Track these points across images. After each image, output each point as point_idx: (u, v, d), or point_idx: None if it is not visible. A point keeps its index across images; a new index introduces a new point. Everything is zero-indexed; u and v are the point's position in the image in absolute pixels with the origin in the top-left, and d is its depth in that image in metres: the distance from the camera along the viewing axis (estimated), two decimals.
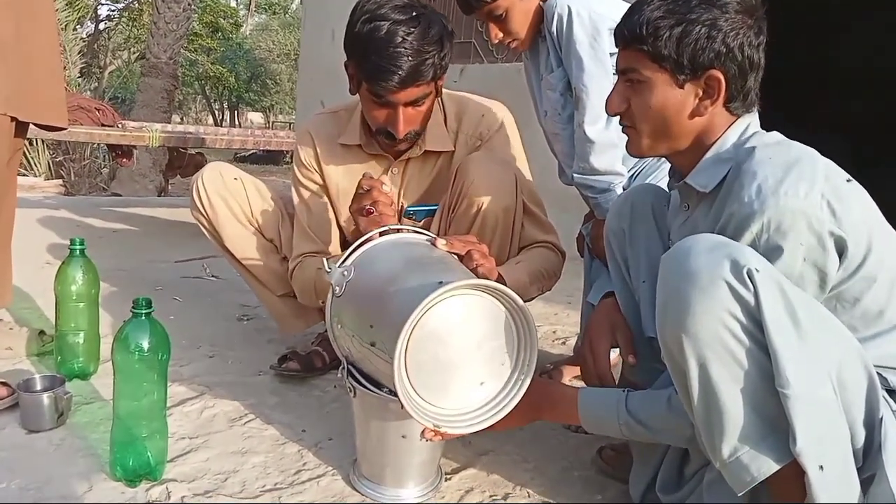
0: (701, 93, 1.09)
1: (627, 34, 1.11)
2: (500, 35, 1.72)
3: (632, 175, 1.73)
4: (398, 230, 1.31)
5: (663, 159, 1.40)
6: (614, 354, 1.94)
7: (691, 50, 1.06)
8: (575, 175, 1.72)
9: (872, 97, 4.51)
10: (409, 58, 1.41)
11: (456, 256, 1.25)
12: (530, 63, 1.85)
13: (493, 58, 4.29)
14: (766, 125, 1.16)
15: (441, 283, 1.05)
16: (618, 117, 1.19)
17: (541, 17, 1.69)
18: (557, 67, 1.69)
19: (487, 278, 1.21)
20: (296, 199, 1.74)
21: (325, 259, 1.25)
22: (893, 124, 4.37)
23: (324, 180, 1.71)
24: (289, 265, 1.72)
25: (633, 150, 1.19)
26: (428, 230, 1.35)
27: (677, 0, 1.07)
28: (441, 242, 1.24)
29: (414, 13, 1.44)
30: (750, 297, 0.91)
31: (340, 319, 1.24)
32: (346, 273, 1.21)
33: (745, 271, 0.91)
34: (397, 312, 1.06)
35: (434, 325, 1.07)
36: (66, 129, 1.79)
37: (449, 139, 1.66)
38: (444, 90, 1.64)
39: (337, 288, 1.21)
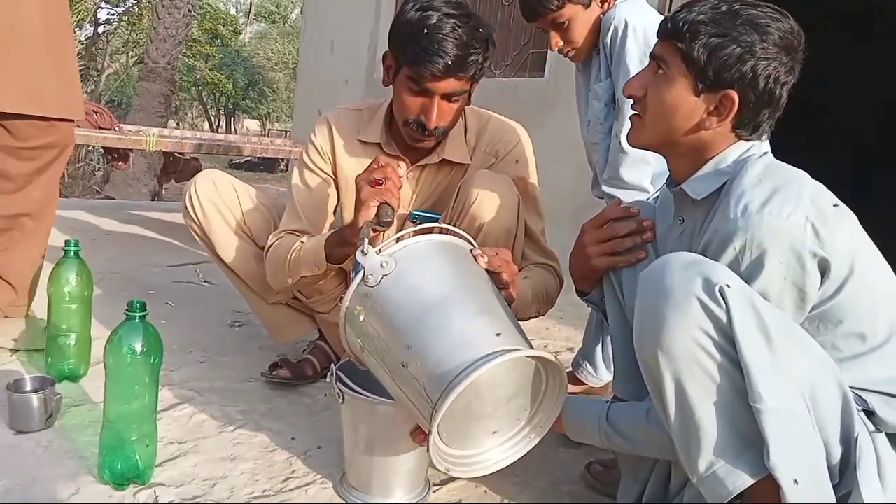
0: (712, 108, 1.10)
1: (669, 27, 1.12)
2: (561, 43, 1.75)
3: (657, 197, 1.75)
4: (441, 230, 1.26)
5: None
6: (609, 375, 1.96)
7: (720, 63, 1.06)
8: (603, 184, 1.75)
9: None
10: (457, 48, 1.44)
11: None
12: (581, 75, 1.89)
13: (490, 72, 4.32)
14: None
15: (498, 334, 1.03)
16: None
17: (598, 29, 1.73)
18: (606, 78, 1.73)
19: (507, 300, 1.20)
20: (296, 179, 1.72)
21: (364, 239, 1.15)
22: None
23: (335, 171, 1.71)
24: (268, 241, 1.67)
25: (633, 138, 1.21)
26: None
27: (726, 13, 1.08)
28: (483, 260, 1.20)
29: (465, 11, 1.49)
30: (722, 314, 0.93)
31: (364, 311, 1.13)
32: (385, 264, 1.11)
33: (717, 289, 0.93)
34: (445, 358, 1.02)
35: (478, 381, 1.02)
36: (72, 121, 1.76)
37: (466, 153, 1.68)
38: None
39: (370, 277, 1.11)
